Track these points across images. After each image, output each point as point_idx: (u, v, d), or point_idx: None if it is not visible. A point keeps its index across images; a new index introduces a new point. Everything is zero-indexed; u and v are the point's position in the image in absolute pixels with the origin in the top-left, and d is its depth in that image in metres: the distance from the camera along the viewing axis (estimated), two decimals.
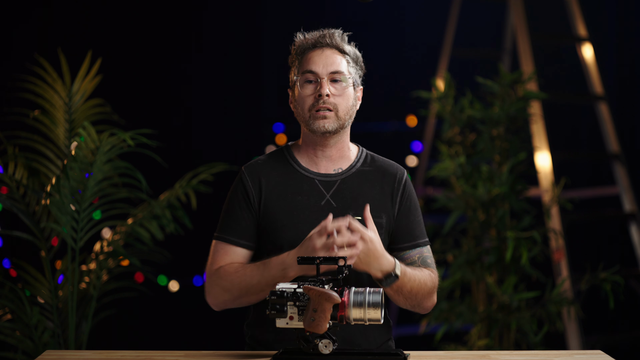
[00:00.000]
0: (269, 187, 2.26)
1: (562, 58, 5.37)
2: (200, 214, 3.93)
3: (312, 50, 2.26)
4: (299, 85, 2.25)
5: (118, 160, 3.42)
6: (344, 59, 2.26)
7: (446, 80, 4.23)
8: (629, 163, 4.75)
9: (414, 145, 5.61)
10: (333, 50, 2.26)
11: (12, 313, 3.39)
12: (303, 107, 2.24)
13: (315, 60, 2.24)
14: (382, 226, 2.24)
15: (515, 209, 4.04)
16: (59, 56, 3.60)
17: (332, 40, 2.26)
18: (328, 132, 2.23)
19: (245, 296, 2.18)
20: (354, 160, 2.31)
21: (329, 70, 2.23)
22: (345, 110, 2.24)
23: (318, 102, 2.22)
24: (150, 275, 3.74)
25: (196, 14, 5.35)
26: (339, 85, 2.24)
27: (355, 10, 5.35)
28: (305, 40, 2.28)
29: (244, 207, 2.25)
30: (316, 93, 2.23)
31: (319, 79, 2.23)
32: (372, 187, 2.27)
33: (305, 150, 2.30)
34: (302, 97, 2.25)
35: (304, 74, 2.25)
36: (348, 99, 2.25)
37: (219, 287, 2.20)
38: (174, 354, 2.14)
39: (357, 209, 2.23)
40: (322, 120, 2.22)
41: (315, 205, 2.23)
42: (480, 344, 3.94)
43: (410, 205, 2.30)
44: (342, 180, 2.27)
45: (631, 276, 4.56)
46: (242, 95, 5.36)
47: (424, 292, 2.19)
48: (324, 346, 1.99)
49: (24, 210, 3.44)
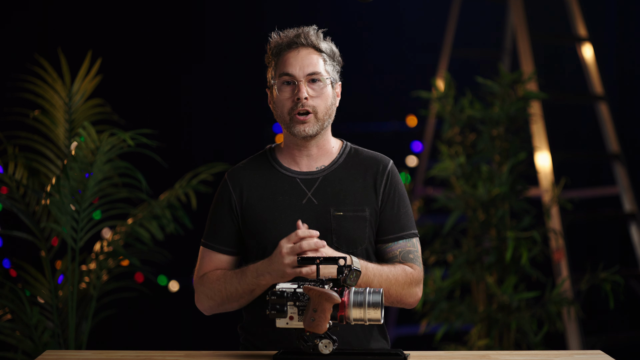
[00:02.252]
0: (251, 189, 2.26)
1: (562, 58, 5.37)
2: (200, 214, 3.92)
3: (287, 50, 2.24)
4: (276, 88, 2.24)
5: (118, 160, 3.42)
6: (321, 57, 2.24)
7: (446, 80, 4.23)
8: (629, 163, 4.74)
9: (414, 145, 5.61)
10: (309, 49, 2.23)
11: (12, 313, 3.39)
12: (282, 110, 2.23)
13: (292, 62, 2.22)
14: (365, 219, 2.23)
15: (515, 209, 4.04)
16: (59, 56, 3.60)
17: (307, 40, 2.23)
18: (309, 136, 2.23)
19: (227, 303, 2.22)
20: (337, 156, 2.29)
21: (306, 72, 2.21)
22: (324, 111, 2.22)
23: (297, 106, 2.20)
24: (150, 275, 3.73)
25: (196, 14, 5.35)
26: (316, 85, 2.22)
27: (355, 11, 5.35)
28: (281, 40, 2.25)
29: (226, 214, 2.27)
30: (294, 96, 2.21)
31: (296, 81, 2.21)
32: (354, 181, 2.25)
33: (287, 151, 2.29)
34: (281, 101, 2.23)
35: (281, 77, 2.23)
36: (327, 98, 2.23)
37: (203, 294, 2.25)
38: (174, 354, 2.14)
39: (338, 205, 2.22)
40: (301, 125, 2.21)
41: (297, 205, 2.22)
42: (480, 344, 3.94)
43: (395, 195, 2.26)
44: (324, 177, 2.26)
45: (631, 276, 4.56)
46: (242, 95, 5.36)
47: (397, 287, 2.18)
48: (324, 346, 1.99)
49: (24, 210, 3.44)
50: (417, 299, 2.24)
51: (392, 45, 5.51)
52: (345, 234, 2.21)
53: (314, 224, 2.18)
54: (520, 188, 4.05)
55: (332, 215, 2.21)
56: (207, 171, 3.69)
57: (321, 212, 2.21)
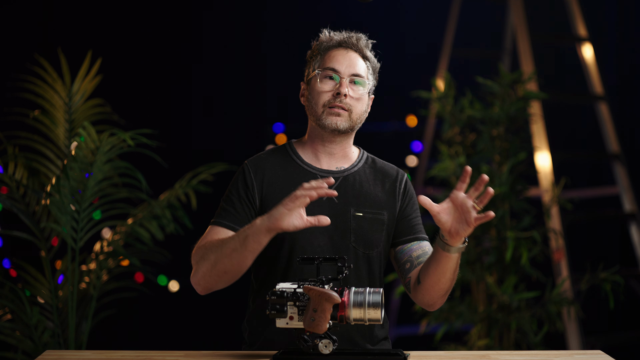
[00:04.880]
0: (271, 180, 2.26)
1: (562, 58, 5.37)
2: (200, 214, 3.93)
3: (336, 48, 2.28)
4: (318, 79, 2.26)
5: (118, 160, 3.42)
6: (365, 64, 2.29)
7: (446, 80, 4.24)
8: (629, 163, 4.74)
9: (414, 145, 5.61)
10: (357, 53, 2.28)
11: (12, 313, 3.39)
12: (317, 101, 2.25)
13: (339, 59, 2.26)
14: (383, 222, 2.25)
15: (515, 209, 4.04)
16: (59, 56, 3.60)
17: (358, 44, 2.28)
18: (338, 130, 2.24)
19: (220, 262, 2.08)
20: (356, 161, 2.32)
21: (351, 71, 2.25)
22: (359, 114, 2.26)
23: (335, 100, 2.23)
24: (150, 275, 3.73)
25: (197, 14, 5.35)
26: (357, 88, 2.25)
27: (355, 10, 5.35)
28: (331, 39, 2.29)
29: (243, 198, 2.24)
30: (334, 91, 2.23)
31: (340, 77, 2.24)
32: (373, 185, 2.28)
33: (310, 146, 2.30)
34: (319, 92, 2.25)
35: (325, 70, 2.25)
36: (363, 103, 2.27)
37: (200, 256, 2.13)
38: (174, 354, 2.14)
39: (358, 206, 2.24)
40: (335, 117, 2.23)
41: (317, 200, 2.21)
42: (480, 344, 3.94)
43: (412, 202, 2.31)
44: (344, 178, 2.28)
45: (631, 276, 4.56)
46: (242, 95, 5.37)
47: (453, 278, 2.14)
48: (324, 346, 1.99)
49: (24, 210, 3.44)
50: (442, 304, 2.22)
51: (392, 46, 5.51)
52: (363, 235, 2.22)
53: (334, 222, 2.19)
54: (520, 188, 4.05)
55: (352, 215, 2.23)
56: (207, 171, 3.69)
57: (341, 212, 2.22)
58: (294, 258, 2.20)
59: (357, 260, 2.22)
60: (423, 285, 2.14)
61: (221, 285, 2.13)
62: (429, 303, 2.17)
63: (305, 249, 2.20)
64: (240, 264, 2.07)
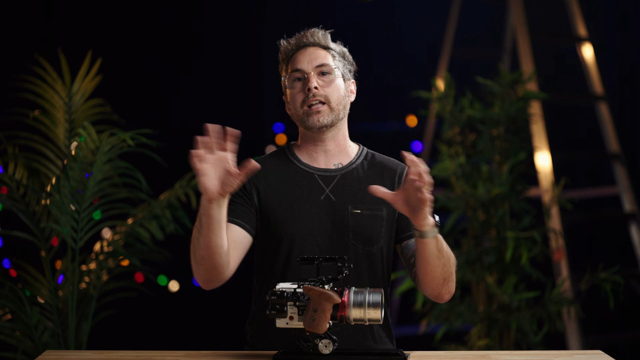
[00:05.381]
0: (269, 181, 2.27)
1: (562, 58, 5.37)
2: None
3: (296, 51, 2.29)
4: (288, 86, 2.28)
5: (118, 160, 3.42)
6: (329, 53, 2.29)
7: (446, 80, 4.23)
8: (629, 163, 4.75)
9: (414, 145, 5.61)
10: (316, 47, 2.29)
11: (12, 313, 3.39)
12: (295, 105, 2.26)
13: (300, 58, 2.27)
14: (382, 218, 2.25)
15: (515, 209, 4.04)
16: (59, 56, 3.60)
17: (314, 38, 2.29)
18: (324, 126, 2.25)
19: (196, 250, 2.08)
20: (354, 157, 2.32)
21: (314, 64, 2.26)
22: (338, 101, 2.26)
23: (308, 97, 2.23)
24: (150, 275, 3.74)
25: (196, 14, 5.34)
26: (326, 77, 2.26)
27: (355, 11, 5.35)
28: (289, 45, 2.31)
29: (243, 196, 2.25)
30: (305, 88, 2.24)
31: (306, 74, 2.25)
32: (372, 181, 2.27)
33: (304, 147, 2.32)
34: (293, 96, 2.27)
35: (292, 74, 2.27)
36: (338, 89, 2.26)
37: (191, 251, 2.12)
38: (174, 354, 2.14)
39: (356, 203, 2.25)
40: (315, 115, 2.23)
41: (315, 200, 2.24)
42: (480, 344, 3.94)
43: None
44: (342, 176, 2.28)
45: (631, 276, 4.56)
46: (242, 95, 5.36)
47: (453, 259, 2.14)
48: (324, 346, 1.99)
49: (24, 210, 3.44)
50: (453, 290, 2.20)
51: (392, 45, 5.51)
52: (362, 232, 2.23)
53: (332, 220, 2.21)
54: (520, 188, 4.05)
55: (349, 213, 2.23)
56: None
57: (339, 209, 2.23)
58: (293, 258, 2.21)
59: (357, 257, 2.22)
60: (419, 278, 2.15)
61: (211, 274, 2.11)
62: (433, 294, 2.17)
63: (303, 248, 2.21)
64: (208, 246, 2.05)
